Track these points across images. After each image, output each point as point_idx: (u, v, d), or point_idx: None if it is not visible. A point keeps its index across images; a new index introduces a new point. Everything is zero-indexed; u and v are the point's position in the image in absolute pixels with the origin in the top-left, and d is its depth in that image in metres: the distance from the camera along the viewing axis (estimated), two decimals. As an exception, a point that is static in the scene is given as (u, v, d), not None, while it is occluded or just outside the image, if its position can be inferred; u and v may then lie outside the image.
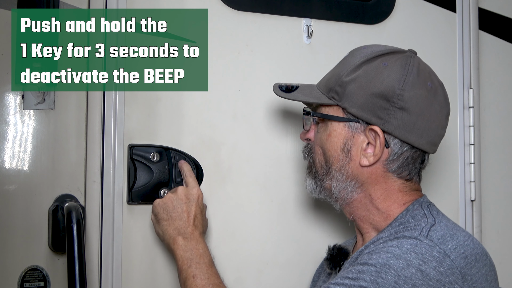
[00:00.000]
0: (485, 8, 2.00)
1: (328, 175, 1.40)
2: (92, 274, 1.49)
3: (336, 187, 1.39)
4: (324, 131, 1.40)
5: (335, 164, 1.38)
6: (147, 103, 1.60)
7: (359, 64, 1.36)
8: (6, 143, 1.50)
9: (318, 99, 1.40)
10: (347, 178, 1.38)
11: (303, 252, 1.72)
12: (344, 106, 1.36)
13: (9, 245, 1.48)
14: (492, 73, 2.00)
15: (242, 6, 1.69)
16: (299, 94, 1.44)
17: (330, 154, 1.39)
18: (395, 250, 1.21)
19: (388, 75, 1.33)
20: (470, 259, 1.23)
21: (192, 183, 1.54)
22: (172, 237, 1.43)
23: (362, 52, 1.40)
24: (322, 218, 1.75)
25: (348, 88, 1.35)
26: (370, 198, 1.38)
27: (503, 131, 2.02)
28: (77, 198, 1.53)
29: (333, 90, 1.38)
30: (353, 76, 1.35)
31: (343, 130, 1.37)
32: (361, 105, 1.34)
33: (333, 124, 1.39)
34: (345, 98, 1.35)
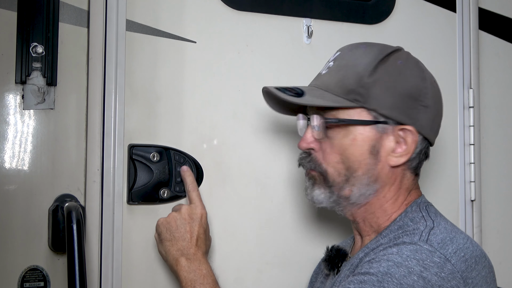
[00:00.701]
0: (485, 8, 2.00)
1: (349, 182, 1.34)
2: (92, 274, 1.49)
3: (357, 192, 1.34)
4: (345, 137, 1.34)
5: (361, 168, 1.33)
6: (147, 103, 1.60)
7: (375, 64, 1.33)
8: (6, 143, 1.50)
9: (338, 102, 1.32)
10: (371, 182, 1.34)
11: (303, 252, 1.72)
12: (373, 108, 1.31)
13: (9, 245, 1.48)
14: (492, 73, 2.00)
15: (242, 6, 1.70)
16: (312, 98, 1.35)
17: (354, 159, 1.33)
18: (395, 257, 1.19)
19: (410, 74, 1.34)
20: (470, 262, 1.22)
21: (196, 200, 1.52)
22: (175, 258, 1.42)
23: (366, 51, 1.36)
24: (322, 218, 1.75)
25: (374, 89, 1.31)
26: (383, 199, 1.36)
27: (503, 131, 2.02)
28: (77, 198, 1.53)
29: (355, 92, 1.31)
30: (375, 77, 1.31)
31: (370, 132, 1.33)
32: (392, 106, 1.32)
33: (358, 128, 1.33)
34: (372, 99, 1.31)
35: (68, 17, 1.54)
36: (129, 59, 1.57)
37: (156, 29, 1.61)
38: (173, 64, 1.62)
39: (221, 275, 1.64)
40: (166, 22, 1.62)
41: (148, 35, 1.60)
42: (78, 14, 1.55)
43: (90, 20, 1.54)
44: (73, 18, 1.55)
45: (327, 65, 1.40)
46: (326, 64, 1.41)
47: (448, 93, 1.91)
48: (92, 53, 1.53)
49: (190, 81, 1.64)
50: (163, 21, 1.61)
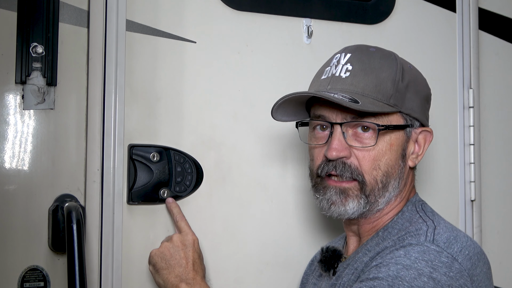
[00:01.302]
0: (485, 8, 2.00)
1: (384, 188, 1.33)
2: (92, 274, 1.49)
3: (388, 196, 1.34)
4: (385, 142, 1.32)
5: (395, 173, 1.34)
6: (147, 103, 1.60)
7: (401, 68, 1.34)
8: (6, 143, 1.50)
9: (386, 108, 1.31)
10: (399, 184, 1.35)
11: (303, 252, 1.72)
12: (407, 112, 1.34)
13: (9, 245, 1.48)
14: (492, 73, 2.00)
15: (242, 6, 1.70)
16: (368, 104, 1.29)
17: (392, 164, 1.33)
18: (404, 260, 1.19)
19: (421, 77, 1.41)
20: (474, 259, 1.23)
21: (185, 228, 1.52)
22: (175, 284, 1.42)
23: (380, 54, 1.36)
24: (322, 218, 1.75)
25: (407, 94, 1.34)
26: (397, 201, 1.37)
27: (503, 131, 2.02)
28: (77, 198, 1.53)
29: (394, 97, 1.31)
30: (406, 81, 1.34)
31: (402, 136, 1.35)
32: (420, 109, 1.37)
33: (395, 133, 1.33)
34: (406, 103, 1.33)
35: (68, 17, 1.54)
36: (129, 59, 1.57)
37: (156, 29, 1.61)
38: (173, 64, 1.62)
39: (221, 275, 1.64)
40: (166, 22, 1.62)
41: (148, 35, 1.60)
42: (78, 14, 1.55)
43: (90, 20, 1.54)
44: (73, 18, 1.55)
45: (341, 67, 1.34)
46: (339, 66, 1.35)
47: (448, 93, 1.91)
48: (92, 53, 1.53)
49: (190, 81, 1.64)
50: (163, 21, 1.61)
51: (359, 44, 1.42)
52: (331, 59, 1.40)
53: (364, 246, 1.35)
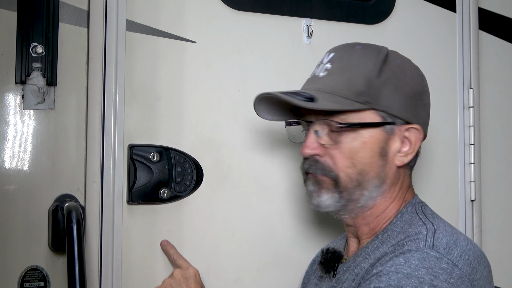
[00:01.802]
0: (485, 8, 2.00)
1: (360, 186, 1.31)
2: (92, 274, 1.49)
3: (368, 195, 1.32)
4: (355, 140, 1.31)
5: (372, 171, 1.31)
6: (147, 103, 1.60)
7: (380, 65, 1.31)
8: (6, 143, 1.50)
9: (352, 105, 1.29)
10: (381, 184, 1.33)
11: (303, 252, 1.72)
12: (383, 109, 1.30)
13: (9, 245, 1.48)
14: (492, 73, 2.00)
15: (242, 6, 1.70)
16: (326, 102, 1.29)
17: (366, 161, 1.31)
18: (404, 268, 1.17)
19: (412, 73, 1.36)
20: (474, 263, 1.22)
21: (185, 263, 1.54)
22: None
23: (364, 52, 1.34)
24: (322, 218, 1.75)
25: (383, 90, 1.30)
26: (385, 200, 1.35)
27: (503, 131, 2.02)
28: (77, 198, 1.53)
29: (366, 94, 1.29)
30: (384, 77, 1.31)
31: (379, 134, 1.31)
32: (401, 106, 1.32)
33: (368, 131, 1.31)
34: (382, 101, 1.30)
35: (68, 17, 1.54)
36: (129, 59, 1.57)
37: (156, 29, 1.61)
38: (173, 64, 1.62)
39: (221, 275, 1.64)
40: (166, 22, 1.62)
41: (148, 35, 1.60)
42: (78, 14, 1.55)
43: (90, 20, 1.54)
44: (73, 18, 1.55)
45: (322, 67, 1.35)
46: (321, 66, 1.36)
47: (448, 93, 1.91)
48: (92, 53, 1.53)
49: (190, 81, 1.64)
50: (163, 21, 1.61)
51: (349, 42, 1.40)
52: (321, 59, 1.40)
53: (364, 249, 1.34)
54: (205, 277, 1.62)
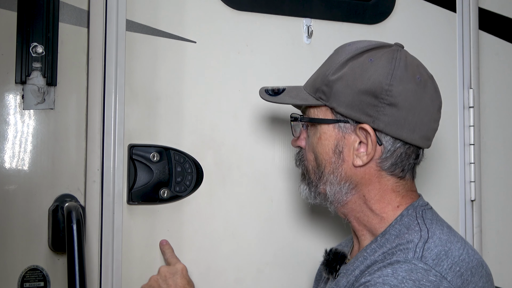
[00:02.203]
0: (485, 8, 2.00)
1: (321, 180, 1.35)
2: (92, 274, 1.49)
3: (330, 190, 1.35)
4: (314, 135, 1.36)
5: (328, 167, 1.34)
6: (147, 103, 1.60)
7: (344, 61, 1.30)
8: (6, 143, 1.50)
9: (305, 100, 1.35)
10: (341, 181, 1.33)
11: (303, 252, 1.72)
12: (332, 106, 1.30)
13: (9, 245, 1.48)
14: (492, 73, 2.00)
15: (242, 6, 1.70)
16: (286, 96, 1.38)
17: (322, 157, 1.34)
18: (391, 280, 1.15)
19: (375, 71, 1.28)
20: (466, 275, 1.19)
21: (173, 260, 1.55)
22: None
23: (347, 49, 1.35)
24: (322, 218, 1.75)
25: (335, 87, 1.29)
26: (364, 199, 1.34)
27: (503, 131, 2.02)
28: (77, 198, 1.53)
29: (320, 90, 1.32)
30: (339, 74, 1.30)
31: (333, 131, 1.32)
32: (349, 104, 1.29)
33: (322, 127, 1.33)
34: (333, 97, 1.30)
35: (68, 17, 1.54)
36: (129, 59, 1.57)
37: (156, 29, 1.61)
38: (173, 64, 1.62)
39: (221, 275, 1.64)
40: (166, 22, 1.62)
41: (148, 35, 1.60)
42: (78, 14, 1.55)
43: (90, 20, 1.54)
44: (73, 18, 1.55)
45: None
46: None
47: (448, 93, 1.91)
48: (92, 53, 1.53)
49: (190, 81, 1.64)
50: (163, 21, 1.61)
51: (352, 41, 1.39)
52: None
53: (362, 253, 1.33)
54: (205, 277, 1.62)
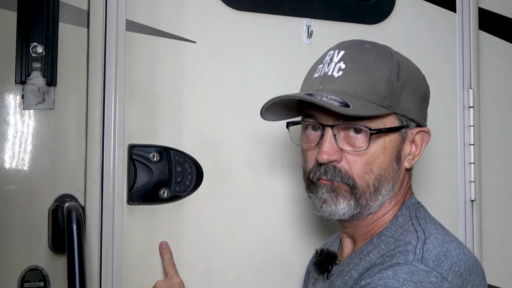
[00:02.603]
0: (485, 8, 2.00)
1: (377, 191, 1.28)
2: (92, 274, 1.49)
3: (381, 199, 1.29)
4: (377, 145, 1.27)
5: (388, 176, 1.29)
6: (147, 103, 1.60)
7: (397, 66, 1.28)
8: (6, 143, 1.50)
9: (380, 111, 1.25)
10: (393, 188, 1.30)
11: (303, 252, 1.72)
12: (403, 114, 1.28)
13: (9, 245, 1.48)
14: (492, 73, 2.00)
15: (242, 6, 1.70)
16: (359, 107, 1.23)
17: (385, 167, 1.28)
18: (392, 282, 1.14)
19: (419, 75, 1.34)
20: (465, 275, 1.20)
21: (171, 272, 1.54)
22: None
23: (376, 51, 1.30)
24: (322, 218, 1.74)
25: (402, 93, 1.27)
26: (391, 203, 1.32)
27: (503, 131, 2.02)
28: (77, 198, 1.53)
29: (389, 98, 1.26)
30: (402, 81, 1.28)
31: (397, 138, 1.29)
32: (417, 109, 1.31)
33: (389, 136, 1.27)
34: (402, 104, 1.27)
35: (68, 17, 1.54)
36: (129, 59, 1.57)
37: (156, 29, 1.61)
38: (173, 64, 1.62)
39: (221, 275, 1.64)
40: (166, 22, 1.62)
41: (148, 35, 1.60)
42: (78, 14, 1.55)
43: (90, 20, 1.54)
44: (73, 18, 1.55)
45: (334, 65, 1.29)
46: (332, 65, 1.30)
47: (448, 93, 1.91)
48: (92, 53, 1.53)
49: (190, 81, 1.64)
50: (163, 21, 1.61)
51: (354, 40, 1.36)
52: (324, 56, 1.34)
53: (358, 254, 1.32)
54: (205, 277, 1.62)
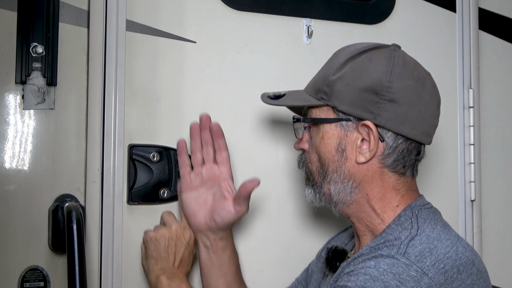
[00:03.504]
0: (485, 8, 2.00)
1: (325, 180, 1.37)
2: (92, 274, 1.49)
3: (334, 190, 1.36)
4: (317, 135, 1.38)
5: (331, 166, 1.36)
6: (147, 103, 1.60)
7: (344, 62, 1.34)
8: (6, 143, 1.50)
9: (307, 101, 1.38)
10: (344, 179, 1.35)
11: (303, 253, 1.72)
12: (334, 105, 1.33)
13: (9, 245, 1.48)
14: (492, 73, 2.00)
15: (242, 6, 1.70)
16: (288, 99, 1.42)
17: (325, 157, 1.36)
18: (372, 271, 1.18)
19: (374, 69, 1.32)
20: (451, 272, 1.20)
21: (186, 223, 1.54)
22: (157, 276, 1.46)
23: (345, 50, 1.39)
24: (322, 218, 1.75)
25: (336, 86, 1.33)
26: (367, 198, 1.35)
27: (503, 131, 2.02)
28: (77, 198, 1.53)
29: (321, 90, 1.35)
30: (340, 74, 1.33)
31: (335, 130, 1.35)
32: (351, 102, 1.32)
33: (324, 126, 1.36)
34: (334, 97, 1.33)
35: (68, 17, 1.54)
36: (129, 59, 1.57)
37: (156, 29, 1.61)
38: (173, 64, 1.62)
39: (221, 275, 1.64)
40: (166, 22, 1.62)
41: (148, 35, 1.60)
42: (78, 14, 1.55)
43: (90, 20, 1.54)
44: (73, 18, 1.55)
45: None
46: None
47: (448, 93, 1.91)
48: (92, 53, 1.53)
49: (190, 81, 1.64)
50: (163, 21, 1.61)
51: (351, 44, 1.41)
52: None
53: (361, 252, 1.32)
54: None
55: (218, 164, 1.54)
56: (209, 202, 1.52)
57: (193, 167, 1.54)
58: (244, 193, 1.47)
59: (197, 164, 1.53)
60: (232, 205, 1.49)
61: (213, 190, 1.52)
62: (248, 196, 1.48)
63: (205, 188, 1.53)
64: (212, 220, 1.49)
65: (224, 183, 1.52)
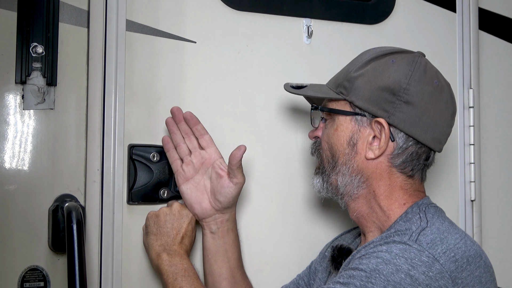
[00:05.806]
0: (485, 8, 2.00)
1: (334, 170, 1.42)
2: (92, 274, 1.49)
3: (342, 182, 1.40)
4: (331, 126, 1.43)
5: (341, 158, 1.40)
6: (147, 103, 1.60)
7: (367, 60, 1.39)
8: (6, 143, 1.50)
9: (327, 94, 1.43)
10: (352, 172, 1.39)
11: (303, 252, 1.72)
12: (351, 100, 1.38)
13: (9, 245, 1.48)
14: (492, 73, 2.00)
15: (242, 6, 1.70)
16: (308, 90, 1.47)
17: (336, 148, 1.41)
18: (384, 255, 1.21)
19: (395, 70, 1.37)
20: (461, 262, 1.23)
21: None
22: (157, 252, 1.46)
23: (371, 51, 1.44)
24: (322, 218, 1.75)
25: (356, 82, 1.38)
26: (374, 194, 1.39)
27: (503, 131, 2.02)
28: (77, 198, 1.53)
29: (342, 85, 1.41)
30: (361, 71, 1.38)
31: (349, 124, 1.40)
32: (368, 99, 1.36)
33: (340, 119, 1.41)
34: (353, 92, 1.38)
35: (68, 17, 1.54)
36: (129, 59, 1.57)
37: (156, 29, 1.61)
38: (173, 64, 1.62)
39: (221, 275, 1.64)
40: (166, 22, 1.62)
41: (148, 35, 1.60)
42: (78, 14, 1.55)
43: (90, 20, 1.54)
44: (73, 18, 1.55)
45: None
46: None
47: (448, 93, 1.91)
48: (92, 53, 1.53)
49: (190, 81, 1.64)
50: (163, 21, 1.61)
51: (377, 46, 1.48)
52: None
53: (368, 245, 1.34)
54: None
55: (204, 148, 1.56)
56: (208, 185, 1.54)
57: (182, 159, 1.56)
58: (234, 163, 1.49)
59: (185, 155, 1.55)
60: (229, 179, 1.52)
61: (208, 174, 1.55)
62: (239, 165, 1.51)
63: (200, 174, 1.55)
64: (217, 201, 1.52)
65: (215, 163, 1.54)
